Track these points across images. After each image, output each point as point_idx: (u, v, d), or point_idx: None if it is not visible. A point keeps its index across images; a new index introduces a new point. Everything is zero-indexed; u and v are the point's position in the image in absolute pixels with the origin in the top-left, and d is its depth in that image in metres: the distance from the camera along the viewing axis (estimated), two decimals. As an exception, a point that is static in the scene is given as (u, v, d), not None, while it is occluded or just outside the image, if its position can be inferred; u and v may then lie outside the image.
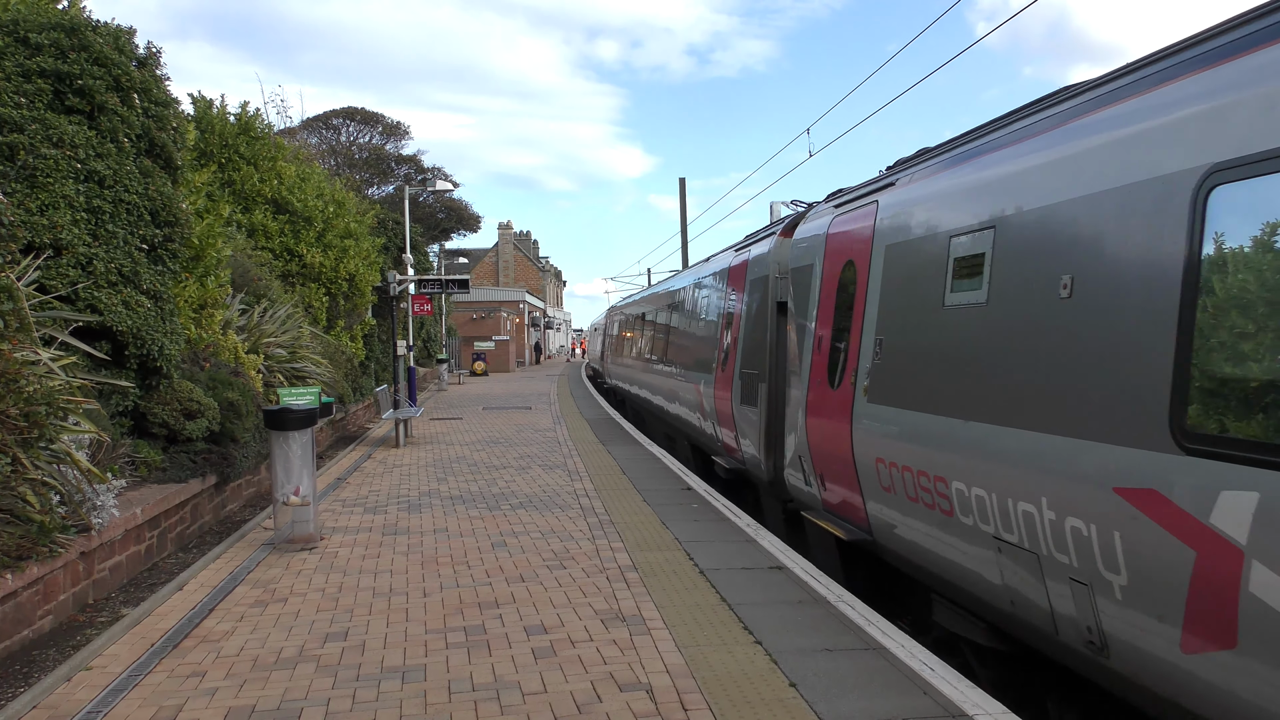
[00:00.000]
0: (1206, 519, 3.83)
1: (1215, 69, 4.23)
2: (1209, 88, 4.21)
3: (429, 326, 32.97)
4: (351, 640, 5.89)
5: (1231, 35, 4.27)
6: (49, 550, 6.19)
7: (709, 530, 8.96)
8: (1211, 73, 4.25)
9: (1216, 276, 3.98)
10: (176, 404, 9.20)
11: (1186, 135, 4.25)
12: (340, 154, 44.23)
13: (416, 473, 13.15)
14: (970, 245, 5.92)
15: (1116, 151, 4.71)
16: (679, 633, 5.89)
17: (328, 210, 19.75)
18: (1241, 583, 3.65)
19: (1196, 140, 4.16)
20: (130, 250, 8.59)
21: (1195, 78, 4.35)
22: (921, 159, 7.37)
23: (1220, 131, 4.04)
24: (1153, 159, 4.42)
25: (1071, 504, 4.68)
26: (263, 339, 13.43)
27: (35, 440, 6.38)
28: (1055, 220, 5.09)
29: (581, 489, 11.47)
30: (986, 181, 5.96)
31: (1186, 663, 3.98)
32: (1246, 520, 3.64)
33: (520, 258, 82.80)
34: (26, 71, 8.43)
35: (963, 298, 5.93)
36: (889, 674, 5.14)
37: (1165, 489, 4.05)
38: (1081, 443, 4.63)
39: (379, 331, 24.73)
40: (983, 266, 5.72)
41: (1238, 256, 3.94)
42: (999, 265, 5.55)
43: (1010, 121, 6.18)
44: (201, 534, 9.38)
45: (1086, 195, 4.84)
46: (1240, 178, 3.88)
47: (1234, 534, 3.70)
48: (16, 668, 5.54)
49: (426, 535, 8.98)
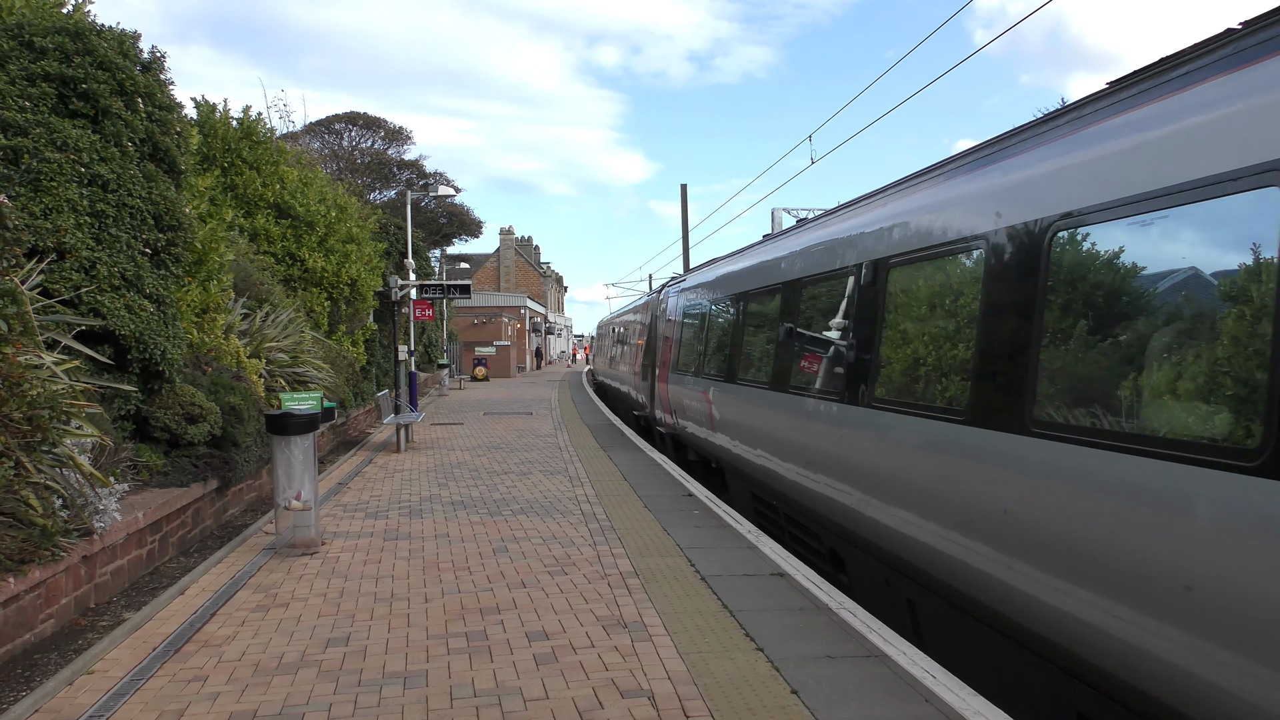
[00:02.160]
0: (709, 395, 13.15)
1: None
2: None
3: (430, 331, 32.97)
4: (353, 645, 5.89)
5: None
6: (51, 554, 6.19)
7: (710, 536, 8.96)
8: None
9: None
10: (178, 408, 9.21)
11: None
12: (342, 159, 44.26)
13: (418, 478, 13.15)
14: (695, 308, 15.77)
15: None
16: (680, 639, 5.89)
17: (330, 215, 19.78)
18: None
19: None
20: (133, 254, 8.60)
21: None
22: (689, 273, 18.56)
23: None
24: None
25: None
26: (265, 343, 13.44)
27: (38, 444, 6.38)
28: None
29: (583, 494, 11.47)
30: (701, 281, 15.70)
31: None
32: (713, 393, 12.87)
33: (521, 263, 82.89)
34: (31, 75, 8.45)
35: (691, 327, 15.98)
36: (890, 681, 5.13)
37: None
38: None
39: (380, 336, 24.75)
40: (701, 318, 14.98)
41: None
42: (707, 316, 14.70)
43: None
44: (203, 538, 9.38)
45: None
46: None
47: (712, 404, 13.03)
48: (18, 671, 5.54)
49: (428, 540, 8.98)
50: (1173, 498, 4.08)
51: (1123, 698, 4.54)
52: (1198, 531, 3.94)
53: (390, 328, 24.33)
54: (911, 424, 6.51)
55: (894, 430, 6.78)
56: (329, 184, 22.49)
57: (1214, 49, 4.41)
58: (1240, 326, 3.92)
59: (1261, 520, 3.63)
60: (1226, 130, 4.10)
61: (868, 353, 7.43)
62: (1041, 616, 4.95)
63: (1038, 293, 5.18)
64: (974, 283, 5.97)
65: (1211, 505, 3.89)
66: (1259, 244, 3.86)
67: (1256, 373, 3.78)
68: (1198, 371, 4.14)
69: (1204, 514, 3.93)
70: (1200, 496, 3.95)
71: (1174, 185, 4.30)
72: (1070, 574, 4.71)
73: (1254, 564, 3.65)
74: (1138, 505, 4.27)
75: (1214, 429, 3.98)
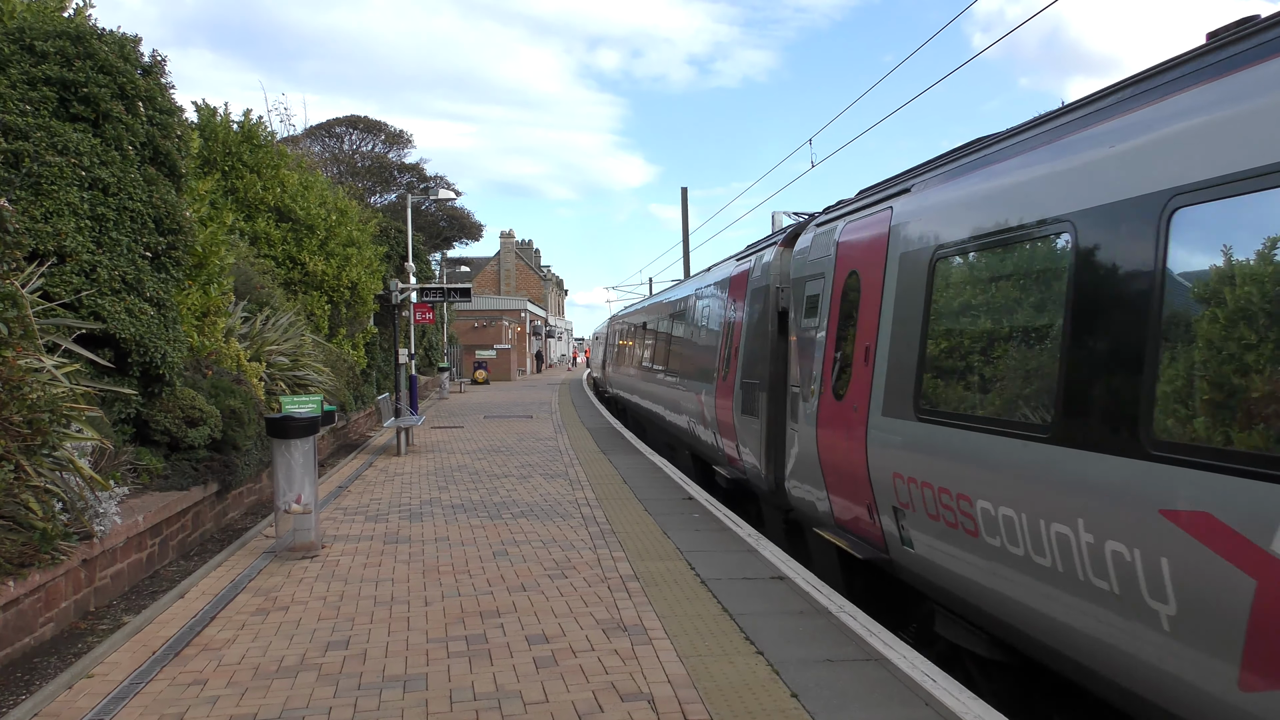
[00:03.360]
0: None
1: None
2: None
3: (430, 335, 32.99)
4: (353, 649, 5.89)
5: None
6: (51, 557, 6.19)
7: (710, 540, 8.96)
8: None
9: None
10: (179, 411, 9.21)
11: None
12: (343, 162, 44.29)
13: (418, 481, 13.14)
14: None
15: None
16: (680, 643, 5.88)
17: (330, 218, 19.80)
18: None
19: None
20: (134, 258, 8.61)
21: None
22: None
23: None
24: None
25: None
26: (265, 347, 13.44)
27: (38, 447, 6.38)
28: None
29: (583, 498, 11.46)
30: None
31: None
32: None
33: (522, 266, 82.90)
34: (32, 79, 8.46)
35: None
36: (890, 685, 5.13)
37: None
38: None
39: (381, 339, 24.76)
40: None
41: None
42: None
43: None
44: (203, 542, 9.38)
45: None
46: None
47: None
48: (18, 675, 5.54)
49: (428, 544, 8.97)
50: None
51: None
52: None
53: (390, 331, 24.35)
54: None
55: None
56: (329, 187, 22.51)
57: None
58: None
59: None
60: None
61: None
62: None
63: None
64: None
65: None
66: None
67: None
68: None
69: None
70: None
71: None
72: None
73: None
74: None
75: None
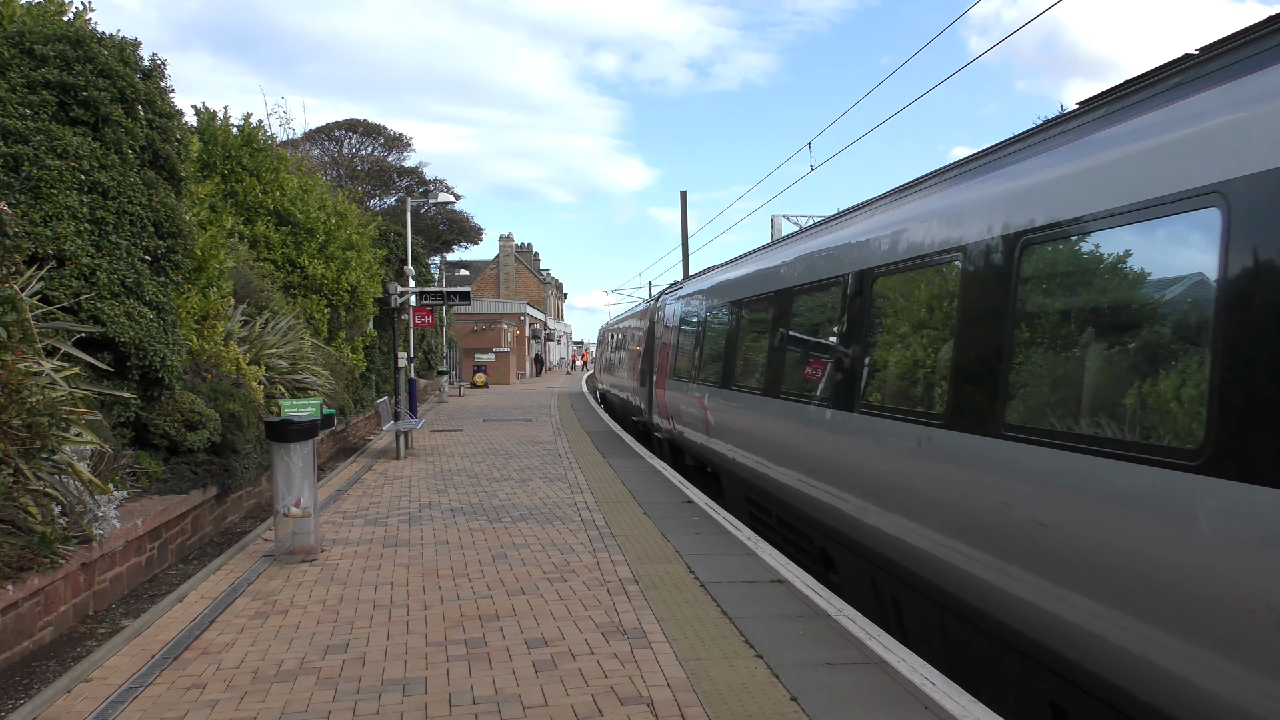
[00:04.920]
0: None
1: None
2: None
3: (430, 338, 32.99)
4: (352, 652, 5.88)
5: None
6: (50, 561, 6.19)
7: (710, 543, 8.95)
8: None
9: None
10: (178, 415, 9.21)
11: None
12: (342, 166, 44.35)
13: (417, 485, 13.14)
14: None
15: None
16: (680, 646, 5.88)
17: (330, 222, 19.79)
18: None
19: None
20: (133, 261, 8.61)
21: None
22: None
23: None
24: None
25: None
26: (264, 350, 13.44)
27: (37, 451, 6.38)
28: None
29: (582, 501, 11.46)
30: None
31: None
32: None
33: (521, 270, 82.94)
34: (32, 83, 8.47)
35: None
36: (890, 688, 5.13)
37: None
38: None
39: (380, 343, 24.75)
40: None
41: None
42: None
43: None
44: (202, 545, 9.37)
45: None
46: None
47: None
48: (17, 679, 5.53)
49: (427, 547, 8.97)
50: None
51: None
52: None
53: (390, 334, 24.36)
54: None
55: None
56: (329, 191, 22.53)
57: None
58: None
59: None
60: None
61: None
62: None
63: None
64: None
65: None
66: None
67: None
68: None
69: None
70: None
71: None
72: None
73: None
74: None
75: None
